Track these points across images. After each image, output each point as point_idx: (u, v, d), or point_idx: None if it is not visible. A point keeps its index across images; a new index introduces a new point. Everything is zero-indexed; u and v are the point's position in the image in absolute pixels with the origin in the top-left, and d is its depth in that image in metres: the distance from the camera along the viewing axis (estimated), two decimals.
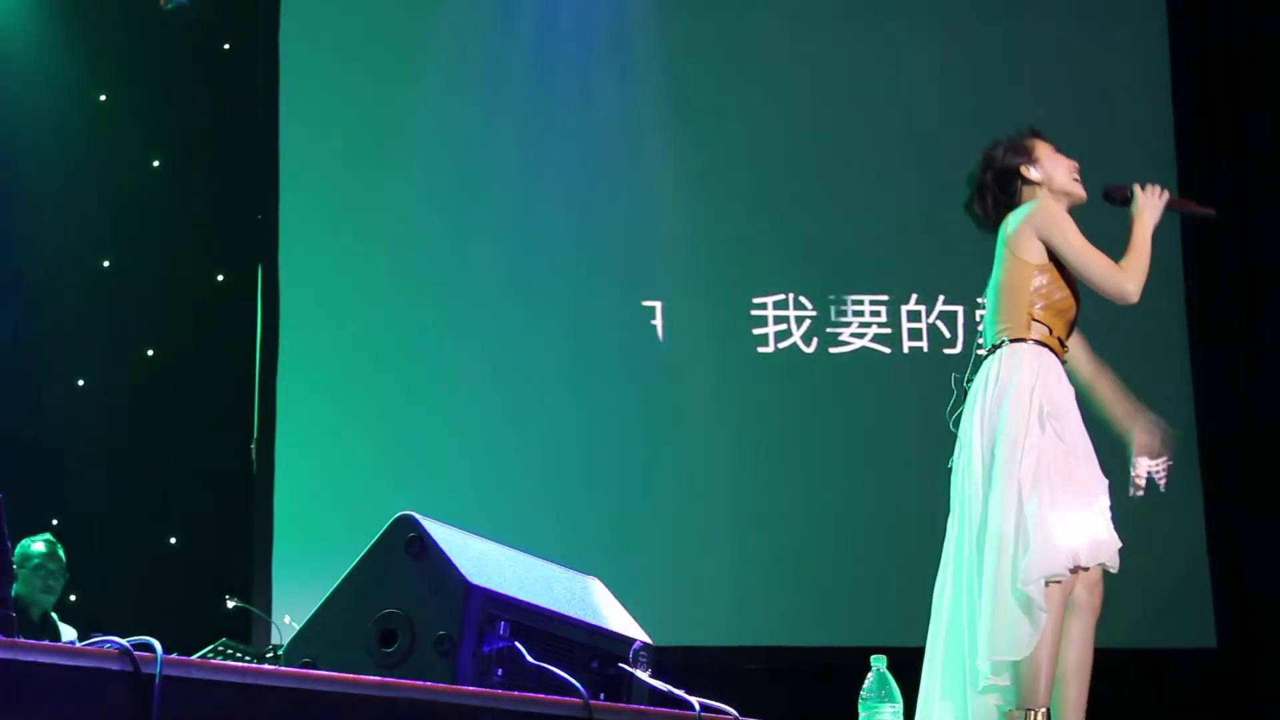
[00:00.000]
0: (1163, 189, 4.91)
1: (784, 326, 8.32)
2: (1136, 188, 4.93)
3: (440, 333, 8.17)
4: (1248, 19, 8.77)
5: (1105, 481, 4.71)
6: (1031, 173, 4.90)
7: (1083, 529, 4.58)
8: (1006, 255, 4.81)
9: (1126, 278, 4.75)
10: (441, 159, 8.31)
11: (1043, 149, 4.95)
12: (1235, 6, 8.80)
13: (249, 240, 8.27)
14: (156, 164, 8.41)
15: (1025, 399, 4.64)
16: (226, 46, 8.53)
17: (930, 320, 8.37)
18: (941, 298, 8.37)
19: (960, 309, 8.37)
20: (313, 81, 8.33)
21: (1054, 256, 4.78)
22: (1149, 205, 4.87)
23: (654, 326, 8.27)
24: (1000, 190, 4.94)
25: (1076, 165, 4.98)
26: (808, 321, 8.33)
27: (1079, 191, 4.94)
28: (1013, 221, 4.83)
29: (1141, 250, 4.79)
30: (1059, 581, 4.53)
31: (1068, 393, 4.75)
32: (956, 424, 4.82)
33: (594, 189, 8.37)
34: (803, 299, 8.35)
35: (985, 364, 4.78)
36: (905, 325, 8.36)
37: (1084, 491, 4.64)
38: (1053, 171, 4.92)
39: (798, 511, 8.08)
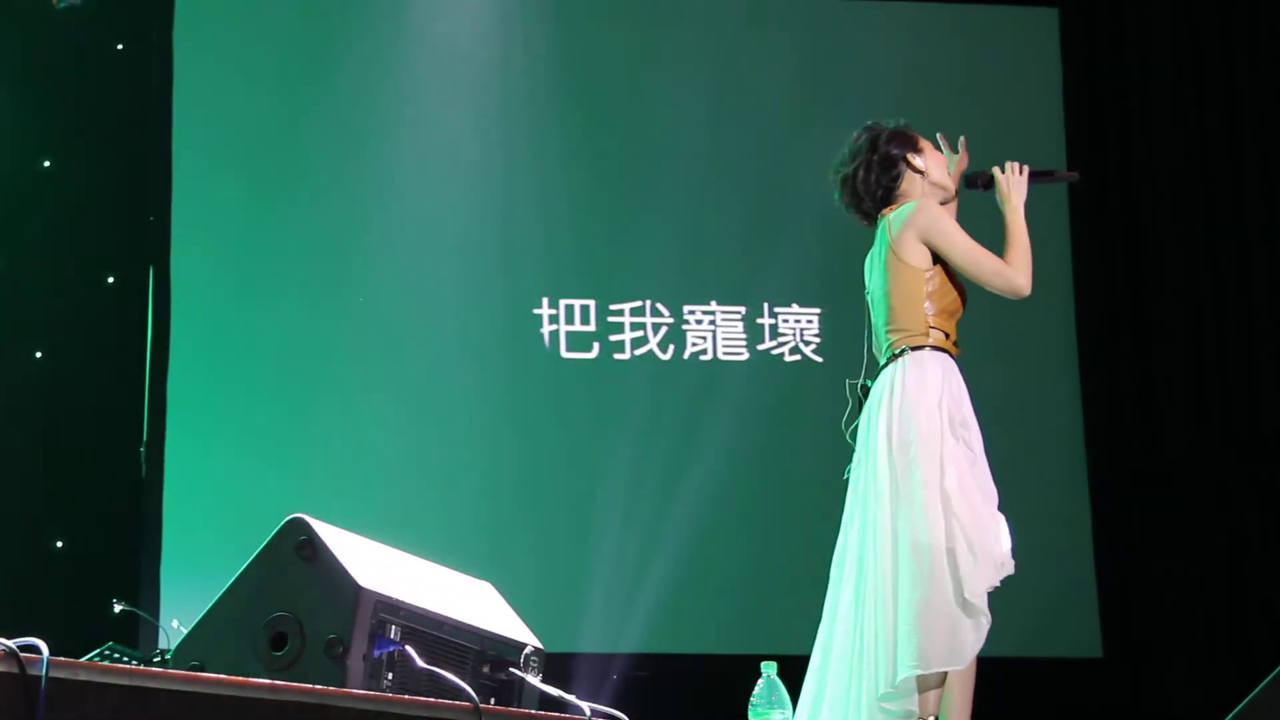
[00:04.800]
0: (1021, 165, 4.95)
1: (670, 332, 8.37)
2: (996, 170, 4.96)
3: (332, 336, 8.14)
4: (1135, 25, 8.88)
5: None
6: (917, 160, 4.92)
7: (1004, 540, 4.64)
8: (891, 260, 4.81)
9: (1016, 273, 4.77)
10: (335, 161, 8.28)
11: (925, 143, 4.99)
12: (1124, 13, 8.92)
13: (140, 241, 8.20)
14: (47, 164, 8.32)
15: (936, 410, 4.65)
16: (120, 46, 8.45)
17: (797, 328, 8.43)
18: (819, 308, 8.44)
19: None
20: (206, 82, 8.28)
21: (939, 258, 4.81)
22: (1014, 186, 4.89)
23: (541, 334, 8.28)
24: (881, 171, 4.94)
25: (946, 162, 5.02)
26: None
27: (952, 187, 4.98)
28: (895, 224, 4.83)
29: (1021, 240, 4.81)
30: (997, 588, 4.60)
31: (968, 398, 4.78)
32: (853, 432, 4.82)
33: (488, 191, 8.36)
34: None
35: (886, 372, 4.77)
36: (786, 332, 8.42)
37: (991, 502, 4.68)
38: (933, 165, 4.95)
39: (689, 517, 8.10)
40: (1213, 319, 8.62)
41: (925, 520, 4.55)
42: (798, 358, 8.40)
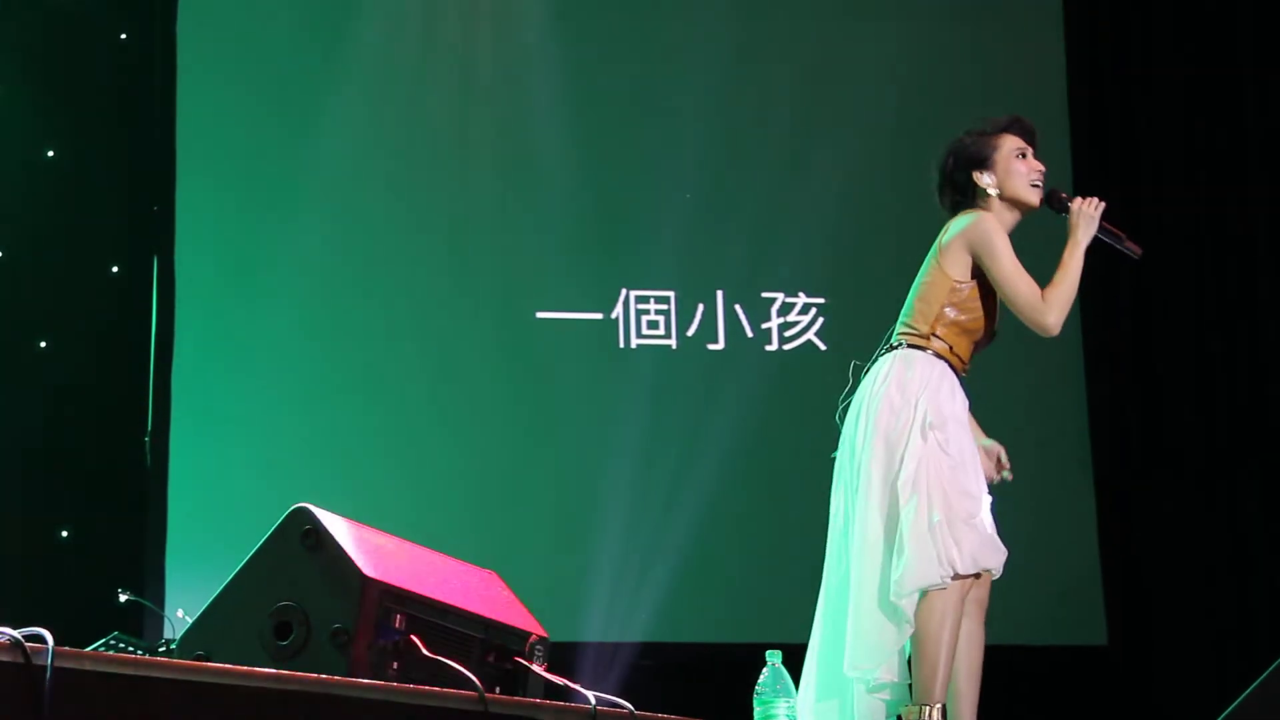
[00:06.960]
0: (1100, 201, 4.89)
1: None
2: (1076, 201, 4.85)
3: (337, 326, 8.13)
4: (1142, 24, 8.87)
5: (987, 491, 4.72)
6: (984, 179, 4.85)
7: (963, 537, 4.56)
8: (932, 262, 4.80)
9: (1048, 309, 4.71)
10: (340, 152, 8.27)
11: (1005, 150, 4.87)
12: (1128, 13, 8.91)
13: (145, 231, 8.20)
14: (51, 154, 8.32)
15: (910, 407, 4.63)
16: (123, 36, 8.45)
17: (802, 317, 8.43)
18: (823, 297, 8.43)
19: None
20: (209, 71, 8.26)
21: (978, 275, 4.76)
22: (1084, 220, 4.81)
23: (545, 324, 8.28)
24: (956, 189, 4.88)
25: (1041, 170, 4.89)
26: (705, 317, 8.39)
27: (1032, 200, 4.84)
28: (951, 229, 4.80)
29: (1069, 280, 4.75)
30: (942, 588, 4.54)
31: (960, 405, 4.73)
32: (843, 413, 4.82)
33: (493, 185, 8.35)
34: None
35: (879, 363, 4.77)
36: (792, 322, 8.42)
37: (966, 501, 4.63)
38: (1006, 178, 4.84)
39: (695, 505, 8.10)
40: (1216, 307, 8.61)
41: (869, 515, 4.56)
42: (805, 346, 8.39)
